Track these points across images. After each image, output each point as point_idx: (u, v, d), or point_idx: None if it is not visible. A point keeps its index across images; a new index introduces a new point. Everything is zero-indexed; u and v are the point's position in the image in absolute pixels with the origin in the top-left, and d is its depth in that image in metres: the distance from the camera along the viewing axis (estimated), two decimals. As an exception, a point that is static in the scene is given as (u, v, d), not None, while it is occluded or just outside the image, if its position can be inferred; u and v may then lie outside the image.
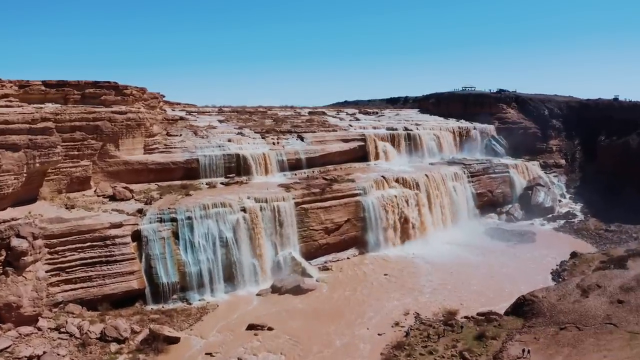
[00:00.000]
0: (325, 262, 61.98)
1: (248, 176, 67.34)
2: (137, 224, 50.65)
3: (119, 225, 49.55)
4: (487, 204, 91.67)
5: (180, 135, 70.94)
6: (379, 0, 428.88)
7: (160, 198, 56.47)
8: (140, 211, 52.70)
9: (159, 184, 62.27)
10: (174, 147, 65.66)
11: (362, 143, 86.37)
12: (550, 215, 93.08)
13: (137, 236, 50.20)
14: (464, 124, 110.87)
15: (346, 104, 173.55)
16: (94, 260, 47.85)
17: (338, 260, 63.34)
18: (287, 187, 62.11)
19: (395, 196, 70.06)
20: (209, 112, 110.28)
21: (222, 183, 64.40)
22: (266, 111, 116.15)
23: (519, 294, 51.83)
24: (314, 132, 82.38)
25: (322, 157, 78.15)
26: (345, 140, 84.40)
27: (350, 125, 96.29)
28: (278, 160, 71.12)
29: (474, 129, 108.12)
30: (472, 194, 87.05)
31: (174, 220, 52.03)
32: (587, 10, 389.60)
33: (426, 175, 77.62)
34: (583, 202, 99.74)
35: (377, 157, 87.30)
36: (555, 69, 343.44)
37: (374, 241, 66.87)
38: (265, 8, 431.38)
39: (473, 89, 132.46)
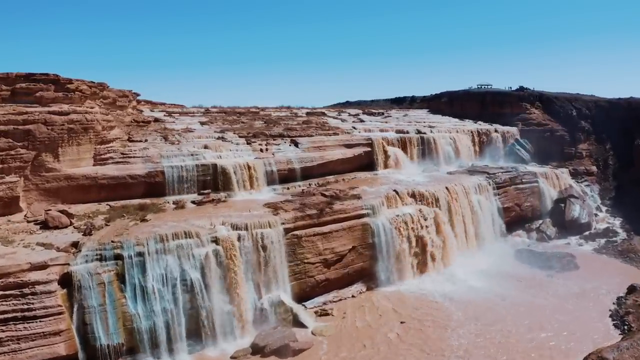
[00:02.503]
0: (324, 304, 48.51)
1: (227, 192, 53.89)
2: (68, 264, 37.26)
3: (42, 267, 36.16)
4: (515, 220, 78.25)
5: (146, 140, 57.56)
6: (379, 2, 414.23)
7: (106, 225, 42.98)
8: (76, 245, 39.32)
9: (113, 203, 48.89)
10: (134, 157, 52.19)
11: (369, 149, 72.97)
12: (587, 233, 79.52)
13: (67, 281, 36.79)
14: (483, 125, 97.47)
15: (348, 104, 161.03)
16: (6, 316, 34.47)
17: (340, 299, 49.87)
18: (275, 208, 48.58)
19: (411, 215, 56.62)
20: (193, 113, 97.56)
21: (193, 202, 50.93)
22: (258, 112, 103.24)
23: (578, 352, 39.07)
24: (311, 135, 68.98)
25: (320, 167, 64.75)
26: (349, 146, 71.02)
27: (354, 128, 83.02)
28: (266, 172, 57.61)
29: (495, 131, 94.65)
30: (499, 209, 73.54)
31: (118, 257, 38.51)
32: (605, 9, 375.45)
33: (446, 187, 64.11)
34: (622, 216, 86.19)
35: (386, 165, 73.90)
36: (573, 67, 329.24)
37: (386, 274, 53.40)
38: (264, 10, 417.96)
39: (489, 86, 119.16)
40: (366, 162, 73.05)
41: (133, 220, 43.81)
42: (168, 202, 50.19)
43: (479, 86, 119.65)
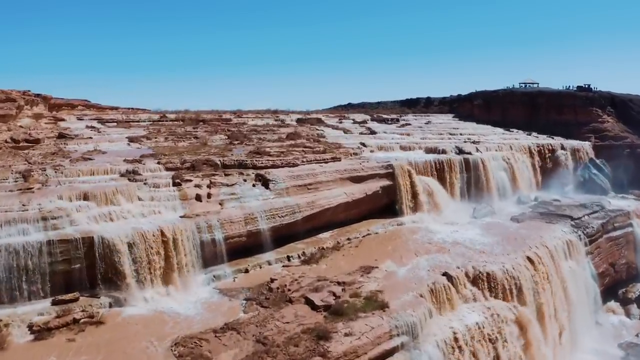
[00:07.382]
0: None
1: (115, 294, 26.60)
2: None
3: None
4: (608, 287, 51.52)
5: (-26, 183, 30.45)
6: (379, 3, 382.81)
7: None
8: None
9: None
10: None
11: (389, 182, 45.71)
12: None
13: None
14: (541, 139, 70.14)
15: (350, 107, 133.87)
16: None
17: None
18: (196, 358, 21.28)
19: (480, 329, 29.45)
20: (137, 121, 71.26)
21: (32, 327, 23.51)
22: (230, 119, 76.33)
23: None
24: (295, 164, 41.62)
25: (308, 220, 37.54)
26: (357, 179, 43.74)
27: (363, 145, 56.07)
28: (202, 244, 30.19)
29: (562, 147, 67.19)
30: (594, 277, 46.70)
31: None
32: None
33: (528, 258, 36.94)
34: None
35: (416, 207, 46.56)
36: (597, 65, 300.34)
37: None
38: (265, 9, 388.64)
39: (536, 85, 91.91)
40: (384, 203, 46.07)
41: None
42: (-30, 331, 23.02)
43: (522, 85, 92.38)
